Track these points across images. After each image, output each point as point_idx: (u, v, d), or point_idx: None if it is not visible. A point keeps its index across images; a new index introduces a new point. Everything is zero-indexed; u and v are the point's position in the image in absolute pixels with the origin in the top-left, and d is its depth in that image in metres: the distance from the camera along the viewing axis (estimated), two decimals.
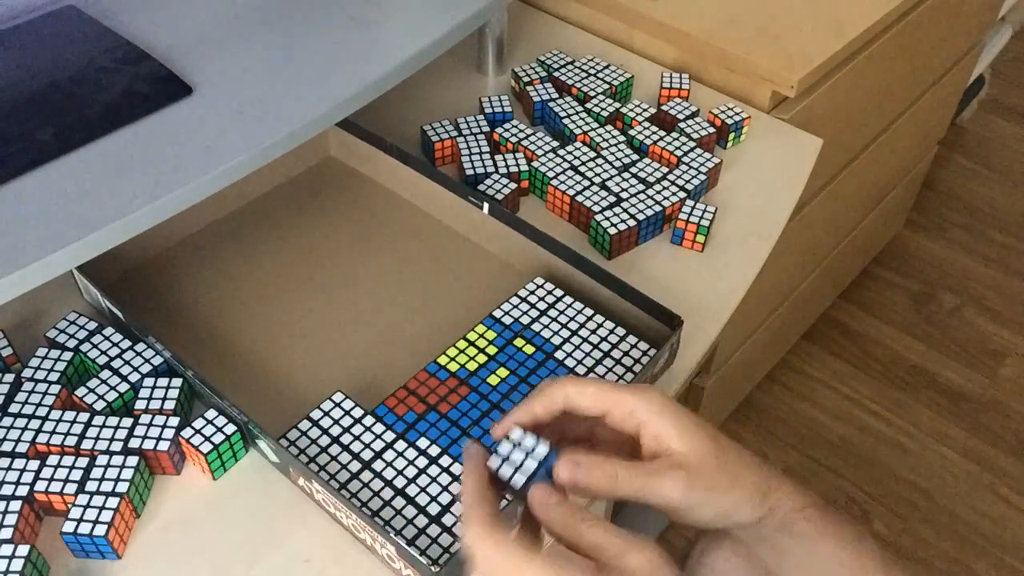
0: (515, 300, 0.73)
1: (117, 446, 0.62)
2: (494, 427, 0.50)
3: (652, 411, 0.48)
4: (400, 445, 0.64)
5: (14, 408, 0.64)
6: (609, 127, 0.89)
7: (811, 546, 0.51)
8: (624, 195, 0.82)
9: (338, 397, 0.66)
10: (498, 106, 0.91)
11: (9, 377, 0.66)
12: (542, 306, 0.73)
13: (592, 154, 0.86)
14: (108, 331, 0.70)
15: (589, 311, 0.72)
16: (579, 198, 0.81)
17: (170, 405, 0.65)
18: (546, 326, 0.71)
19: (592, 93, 0.93)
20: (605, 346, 0.70)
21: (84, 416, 0.64)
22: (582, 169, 0.84)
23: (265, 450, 0.64)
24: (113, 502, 0.59)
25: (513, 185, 0.82)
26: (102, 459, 0.61)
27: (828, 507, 0.52)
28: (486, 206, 0.78)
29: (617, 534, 0.44)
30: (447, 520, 0.60)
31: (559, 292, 0.74)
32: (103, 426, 0.63)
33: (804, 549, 0.51)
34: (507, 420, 0.50)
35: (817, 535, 0.51)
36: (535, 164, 0.85)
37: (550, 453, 0.47)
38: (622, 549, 0.44)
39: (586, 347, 0.70)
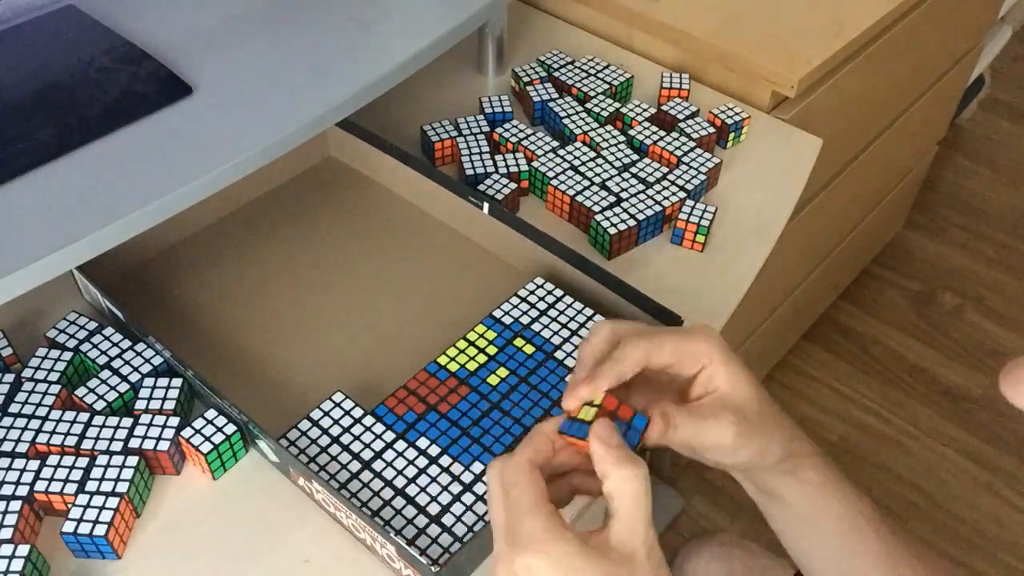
0: (515, 300, 0.73)
1: (117, 446, 0.62)
2: (574, 391, 0.48)
3: (715, 356, 0.50)
4: (400, 445, 0.64)
5: (14, 408, 0.64)
6: (609, 127, 0.89)
7: (811, 493, 0.53)
8: (624, 195, 0.82)
9: (338, 397, 0.66)
10: (498, 106, 0.91)
11: (9, 377, 0.66)
12: (542, 306, 0.73)
13: (592, 154, 0.86)
14: (108, 331, 0.70)
15: (589, 311, 0.72)
16: (579, 198, 0.81)
17: (170, 405, 0.65)
18: (546, 326, 0.71)
19: (592, 93, 0.93)
20: None
21: (84, 416, 0.64)
22: (582, 169, 0.84)
23: (265, 450, 0.64)
24: (113, 502, 0.59)
25: (513, 185, 0.82)
26: (102, 459, 0.61)
27: (832, 461, 0.54)
28: (486, 206, 0.78)
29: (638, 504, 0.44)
30: (447, 520, 0.60)
31: (559, 292, 0.74)
32: (103, 426, 0.63)
33: (803, 494, 0.53)
34: (596, 384, 0.48)
35: (820, 484, 0.53)
36: (535, 164, 0.85)
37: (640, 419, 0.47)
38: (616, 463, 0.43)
39: None
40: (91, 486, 0.60)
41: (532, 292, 0.74)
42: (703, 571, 0.73)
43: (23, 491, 0.60)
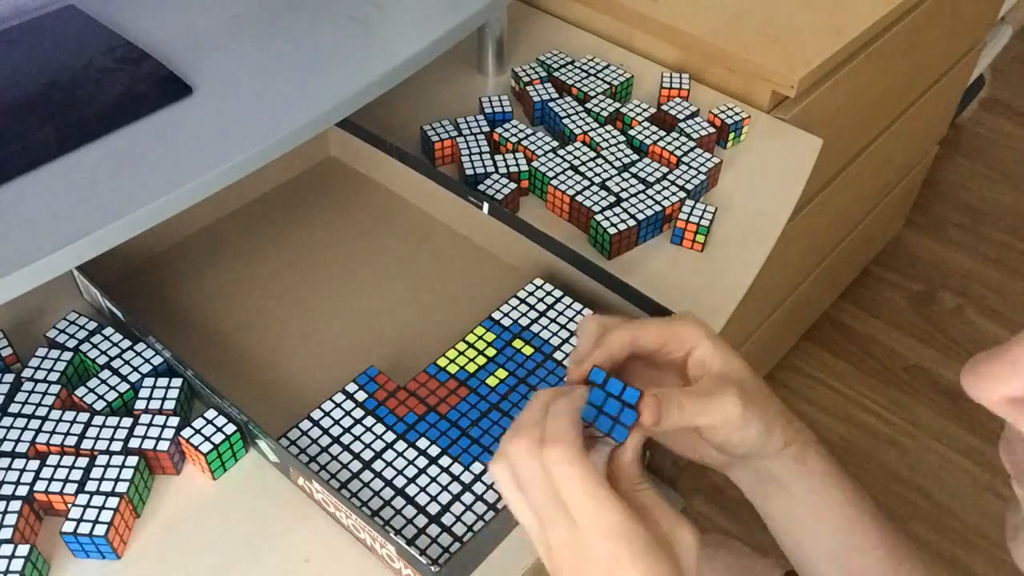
0: (514, 301, 0.73)
1: (117, 446, 0.62)
2: (572, 370, 0.49)
3: (700, 336, 0.51)
4: (400, 445, 0.64)
5: (14, 408, 0.64)
6: (609, 127, 0.89)
7: (816, 483, 0.53)
8: (624, 195, 0.82)
9: (339, 397, 0.67)
10: (498, 106, 0.91)
11: (9, 377, 0.66)
12: (541, 307, 0.73)
13: (592, 154, 0.86)
14: (108, 331, 0.70)
15: (588, 311, 0.72)
16: (579, 198, 0.81)
17: (170, 405, 0.65)
18: (545, 327, 0.71)
19: (592, 93, 0.93)
20: None
21: (84, 416, 0.64)
22: (582, 169, 0.84)
23: (265, 450, 0.64)
24: (113, 502, 0.59)
25: (513, 185, 0.82)
26: (102, 459, 0.61)
27: (831, 451, 0.54)
28: (486, 206, 0.78)
29: (670, 507, 0.45)
30: (447, 520, 0.60)
31: (558, 293, 0.74)
32: (103, 426, 0.63)
33: (809, 484, 0.53)
34: (586, 363, 0.49)
35: (824, 473, 0.53)
36: (535, 164, 0.85)
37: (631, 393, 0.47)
38: (676, 520, 0.45)
39: None
40: (91, 486, 0.60)
41: (531, 293, 0.74)
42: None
43: (23, 491, 0.60)
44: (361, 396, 0.66)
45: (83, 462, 0.61)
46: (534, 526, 0.45)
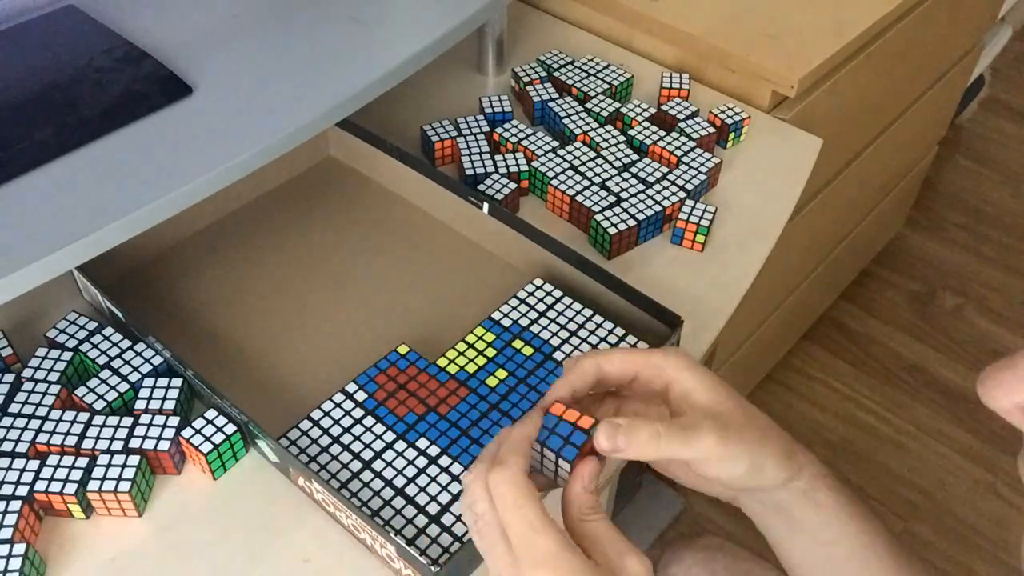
0: (514, 302, 0.73)
1: (118, 446, 0.62)
2: (534, 410, 0.50)
3: (679, 368, 0.50)
4: (400, 445, 0.64)
5: (14, 408, 0.64)
6: (609, 127, 0.89)
7: (829, 517, 0.52)
8: (624, 195, 0.82)
9: (339, 397, 0.67)
10: (498, 106, 0.91)
11: (9, 377, 0.66)
12: (541, 307, 0.73)
13: (592, 154, 0.86)
14: (108, 331, 0.70)
15: (588, 311, 0.72)
16: (579, 198, 0.81)
17: (170, 405, 0.65)
18: (545, 327, 0.71)
19: (592, 93, 0.93)
20: (605, 346, 0.70)
21: (84, 416, 0.64)
22: (582, 169, 0.84)
23: (265, 450, 0.64)
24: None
25: (513, 185, 0.82)
26: (103, 459, 0.61)
27: (845, 482, 0.53)
28: (486, 206, 0.78)
29: (620, 536, 0.44)
30: (447, 520, 0.60)
31: (557, 293, 0.74)
32: (103, 426, 0.63)
33: (821, 519, 0.52)
34: (547, 397, 0.50)
35: (837, 506, 0.52)
36: (535, 164, 0.85)
37: (591, 427, 0.48)
38: (624, 550, 0.44)
39: (585, 347, 0.70)
40: (92, 486, 0.60)
41: (531, 294, 0.74)
42: (684, 573, 0.73)
43: (23, 491, 0.60)
44: (361, 396, 0.67)
45: (83, 462, 0.61)
46: (485, 557, 0.45)
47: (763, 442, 0.49)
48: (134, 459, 0.61)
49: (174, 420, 0.64)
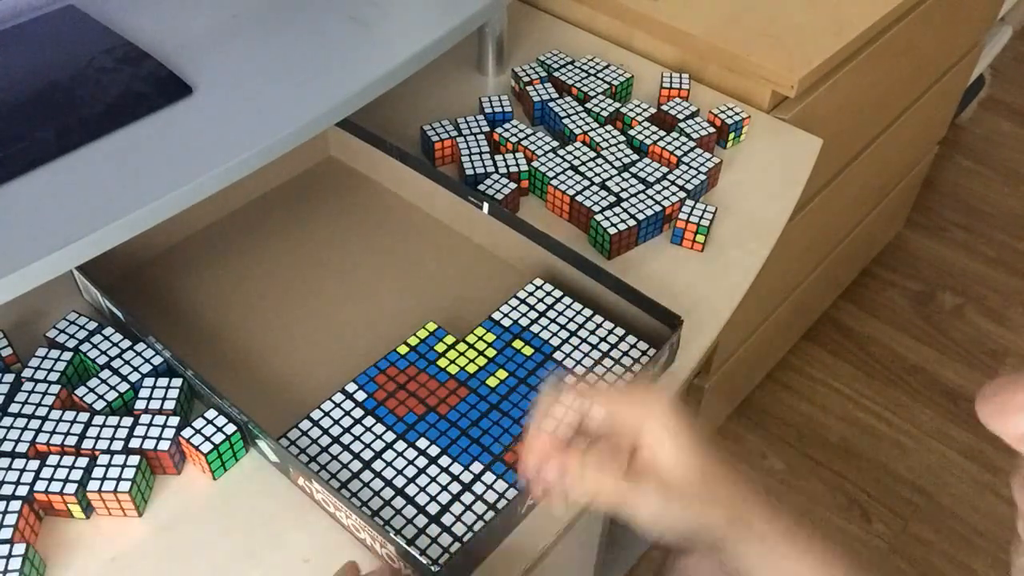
0: (514, 302, 0.73)
1: (118, 446, 0.62)
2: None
3: (655, 426, 0.51)
4: (400, 445, 0.64)
5: (14, 408, 0.64)
6: (609, 127, 0.89)
7: (766, 562, 0.52)
8: (624, 195, 0.82)
9: (339, 397, 0.67)
10: (498, 106, 0.91)
11: (9, 377, 0.66)
12: (541, 307, 0.73)
13: (592, 154, 0.86)
14: (108, 331, 0.70)
15: (588, 311, 0.72)
16: (579, 198, 0.81)
17: (170, 405, 0.65)
18: (545, 327, 0.71)
19: (592, 93, 0.93)
20: (604, 346, 0.70)
21: (84, 416, 0.64)
22: (582, 169, 0.84)
23: (265, 450, 0.64)
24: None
25: (513, 185, 0.82)
26: (103, 459, 0.61)
27: (796, 532, 0.52)
28: (486, 206, 0.78)
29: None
30: (447, 520, 0.60)
31: (557, 293, 0.74)
32: (103, 426, 0.63)
33: (769, 562, 0.52)
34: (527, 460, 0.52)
35: (778, 557, 0.52)
36: (535, 164, 0.85)
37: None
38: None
39: (585, 347, 0.70)
40: (92, 486, 0.60)
41: (531, 294, 0.74)
42: (693, 569, 0.73)
43: (23, 491, 0.60)
44: (361, 396, 0.67)
45: (83, 462, 0.61)
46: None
47: (708, 509, 0.51)
48: (134, 459, 0.61)
49: (174, 420, 0.64)
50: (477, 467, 0.63)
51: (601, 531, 0.95)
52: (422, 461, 0.63)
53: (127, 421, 0.64)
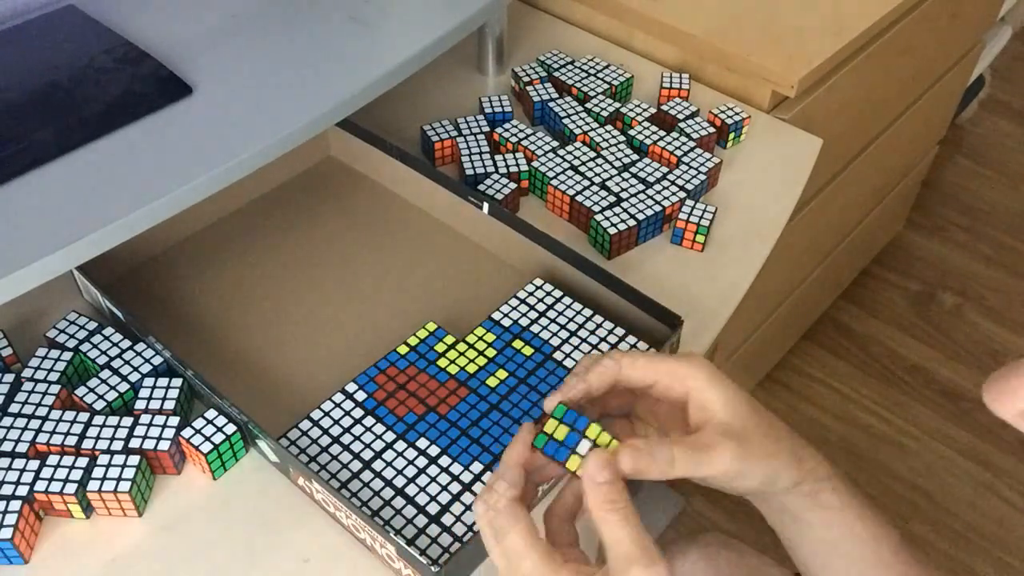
0: (514, 302, 0.73)
1: (118, 446, 0.62)
2: (545, 403, 0.50)
3: (700, 379, 0.49)
4: (400, 445, 0.64)
5: (14, 408, 0.64)
6: (609, 127, 0.89)
7: (833, 518, 0.52)
8: (624, 195, 0.82)
9: (339, 397, 0.67)
10: (498, 106, 0.91)
11: (9, 377, 0.66)
12: (541, 307, 0.73)
13: (592, 154, 0.86)
14: (108, 331, 0.70)
15: (588, 311, 0.72)
16: (579, 198, 0.81)
17: (170, 405, 0.65)
18: (545, 327, 0.71)
19: (592, 93, 0.93)
20: (605, 346, 0.70)
21: (84, 416, 0.64)
22: (582, 169, 0.84)
23: (265, 450, 0.64)
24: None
25: (513, 185, 0.82)
26: (103, 459, 0.61)
27: (854, 483, 0.53)
28: (486, 206, 0.78)
29: (634, 538, 0.44)
30: (447, 520, 0.60)
31: (557, 293, 0.74)
32: (103, 426, 0.63)
33: (825, 520, 0.52)
34: (556, 396, 0.49)
35: (841, 506, 0.52)
36: (535, 164, 0.85)
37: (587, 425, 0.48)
38: (634, 556, 0.43)
39: (585, 347, 0.70)
40: (92, 486, 0.60)
41: (531, 294, 0.74)
42: (689, 572, 0.73)
43: (23, 491, 0.60)
44: (361, 396, 0.67)
45: (83, 462, 0.61)
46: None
47: (776, 453, 0.49)
48: (134, 459, 0.61)
49: (174, 420, 0.64)
50: (477, 467, 0.63)
51: None
52: (422, 461, 0.63)
53: (127, 421, 0.64)
